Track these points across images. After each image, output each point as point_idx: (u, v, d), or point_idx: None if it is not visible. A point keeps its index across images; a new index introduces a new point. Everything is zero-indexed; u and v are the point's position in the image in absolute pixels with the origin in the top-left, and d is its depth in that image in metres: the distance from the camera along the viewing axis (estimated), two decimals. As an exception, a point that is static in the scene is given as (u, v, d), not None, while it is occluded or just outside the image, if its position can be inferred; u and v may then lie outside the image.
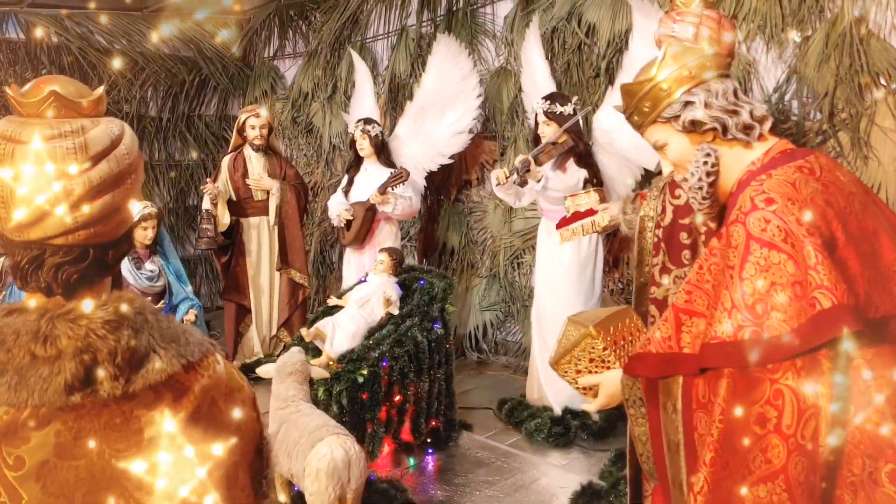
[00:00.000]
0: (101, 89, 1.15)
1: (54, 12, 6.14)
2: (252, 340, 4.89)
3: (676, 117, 1.51)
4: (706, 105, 1.48)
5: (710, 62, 1.52)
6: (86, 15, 6.29)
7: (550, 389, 3.84)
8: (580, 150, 3.64)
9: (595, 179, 3.63)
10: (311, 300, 6.25)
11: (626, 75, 3.79)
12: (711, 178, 1.52)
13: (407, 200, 4.47)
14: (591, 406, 1.79)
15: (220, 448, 1.06)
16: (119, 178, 1.05)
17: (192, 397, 1.03)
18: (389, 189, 4.31)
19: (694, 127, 1.50)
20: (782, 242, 1.33)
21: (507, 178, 3.61)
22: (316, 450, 2.43)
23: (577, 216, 3.32)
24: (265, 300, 4.85)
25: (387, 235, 4.61)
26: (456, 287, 5.30)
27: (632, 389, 1.63)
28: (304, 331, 3.51)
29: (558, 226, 3.53)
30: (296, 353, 2.94)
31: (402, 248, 5.58)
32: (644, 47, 3.61)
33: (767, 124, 1.52)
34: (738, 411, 1.43)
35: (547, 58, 4.34)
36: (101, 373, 0.96)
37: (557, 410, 3.77)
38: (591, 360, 1.75)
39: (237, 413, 1.11)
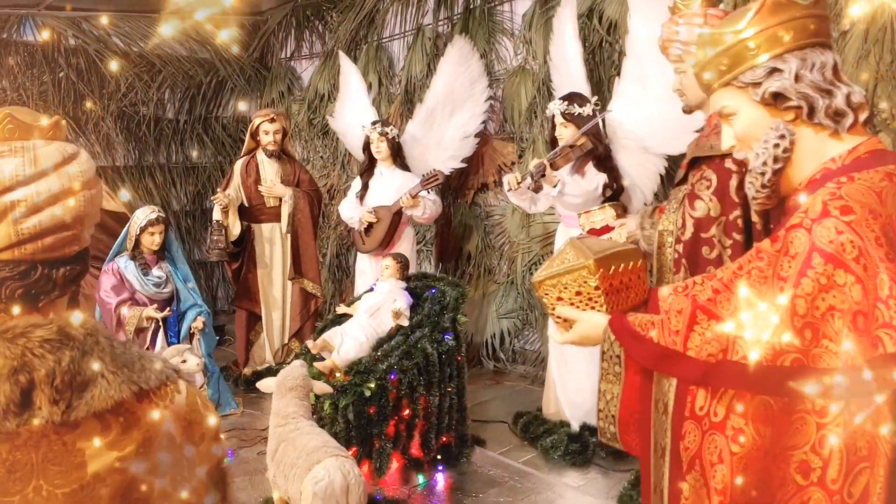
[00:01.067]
0: (58, 117, 1.12)
1: (71, 15, 6.11)
2: (263, 348, 4.79)
3: (757, 84, 1.27)
4: (797, 77, 1.25)
5: (814, 25, 1.26)
6: (103, 17, 6.25)
7: (568, 404, 3.67)
8: (599, 152, 3.46)
9: (615, 184, 3.44)
10: (326, 305, 6.15)
11: (631, 62, 3.60)
12: (779, 165, 1.29)
13: (435, 203, 4.38)
14: (560, 338, 1.61)
15: (171, 484, 1.00)
16: (67, 194, 1.02)
17: (143, 428, 0.98)
18: (427, 191, 4.19)
19: (775, 100, 1.27)
20: (853, 262, 1.12)
21: (518, 183, 3.45)
22: (313, 473, 2.30)
23: (595, 231, 3.15)
24: (277, 309, 4.75)
25: (406, 240, 4.50)
26: (472, 294, 5.15)
27: (612, 345, 1.48)
28: (310, 343, 3.39)
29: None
30: (297, 367, 2.81)
31: (418, 253, 5.45)
32: (645, 26, 3.42)
33: (863, 115, 1.29)
34: (773, 447, 1.27)
35: (566, 56, 4.16)
36: (38, 396, 0.91)
37: (575, 426, 3.59)
38: (578, 294, 1.54)
39: (194, 447, 1.05)
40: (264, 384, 2.83)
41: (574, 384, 3.62)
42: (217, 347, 5.62)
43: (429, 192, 4.28)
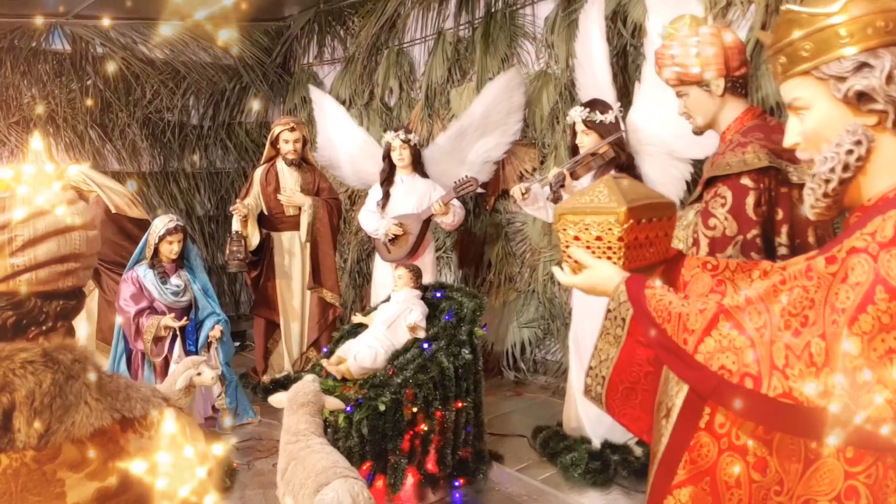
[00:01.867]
0: (63, 168, 1.25)
1: (99, 23, 6.17)
2: (282, 356, 4.76)
3: (841, 79, 1.12)
4: (889, 78, 1.09)
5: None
6: (130, 25, 6.31)
7: (589, 420, 3.58)
8: (622, 161, 3.36)
9: (638, 194, 3.34)
10: (347, 311, 6.11)
11: (650, 66, 3.48)
12: (849, 174, 1.15)
13: (461, 209, 4.37)
14: (565, 279, 1.50)
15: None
16: (65, 231, 1.05)
17: (125, 459, 0.98)
18: (465, 198, 4.16)
19: (858, 100, 1.12)
20: None
21: (523, 194, 3.37)
22: (321, 495, 2.24)
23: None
24: (295, 318, 4.72)
25: (430, 249, 4.46)
26: (492, 302, 5.08)
27: (619, 306, 1.37)
28: (325, 362, 3.33)
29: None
30: (309, 382, 2.76)
31: (438, 260, 5.38)
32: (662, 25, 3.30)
33: None
34: (795, 486, 1.19)
35: (588, 61, 4.06)
36: (17, 418, 0.92)
37: (596, 443, 3.49)
38: (598, 238, 1.43)
39: (180, 476, 1.03)
40: (276, 399, 2.78)
41: (595, 399, 3.52)
42: (239, 353, 5.64)
43: (463, 197, 4.25)
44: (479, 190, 4.50)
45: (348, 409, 3.07)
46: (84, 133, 6.22)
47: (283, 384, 4.60)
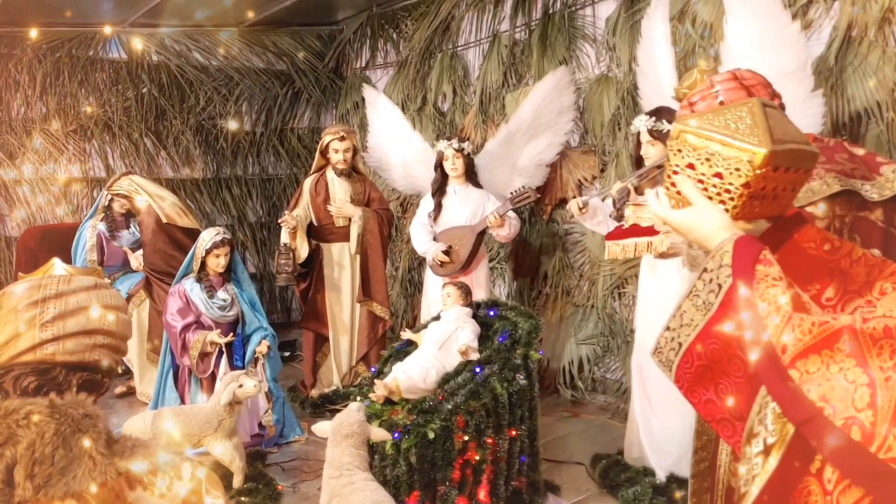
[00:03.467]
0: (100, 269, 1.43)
1: (154, 31, 6.20)
2: (331, 370, 4.65)
3: None
4: None
5: None
6: (184, 32, 6.32)
7: (653, 450, 3.33)
8: (691, 174, 3.10)
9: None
10: (399, 321, 5.98)
11: (725, 70, 3.21)
12: None
13: (517, 221, 4.21)
14: (659, 209, 1.29)
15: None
16: (94, 308, 1.15)
17: None
18: (519, 210, 3.99)
19: None
20: None
21: (581, 209, 3.15)
22: (364, 540, 2.09)
23: (636, 231, 2.81)
24: (345, 332, 4.59)
25: (479, 257, 4.29)
26: (549, 316, 4.86)
27: (719, 269, 1.14)
28: (373, 396, 3.17)
29: (608, 236, 3.04)
30: (354, 411, 2.61)
31: (492, 271, 5.19)
32: (743, 33, 3.03)
33: None
34: None
35: (654, 65, 3.81)
36: (17, 470, 0.92)
37: (661, 476, 3.24)
38: (717, 175, 1.18)
39: None
40: (319, 428, 2.64)
41: (660, 427, 3.28)
42: (288, 363, 5.57)
43: (519, 209, 4.07)
44: (536, 199, 4.31)
45: (395, 435, 2.92)
46: (139, 140, 6.26)
47: (332, 399, 4.50)
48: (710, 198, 1.21)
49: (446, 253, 4.20)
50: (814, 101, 2.90)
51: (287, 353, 5.70)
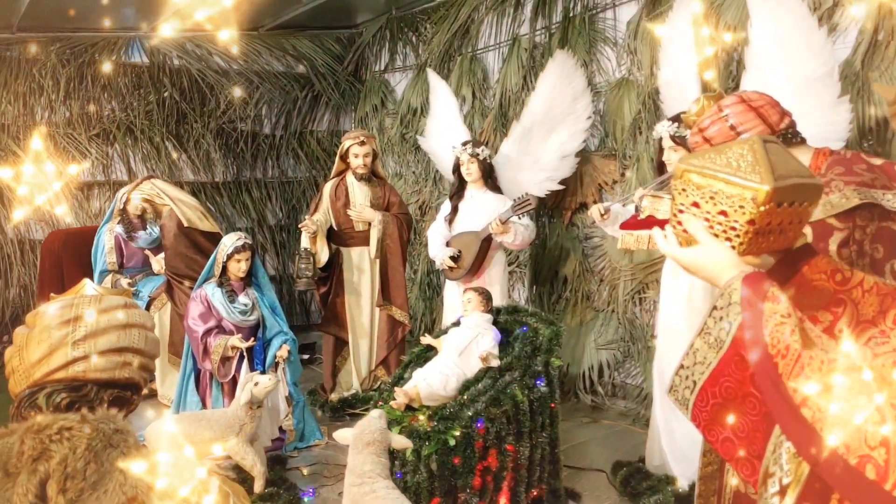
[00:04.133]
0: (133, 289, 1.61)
1: (176, 35, 6.25)
2: (350, 374, 4.66)
3: None
4: None
5: None
6: (205, 36, 6.36)
7: (675, 458, 3.30)
8: (714, 180, 3.06)
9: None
10: (417, 323, 5.99)
11: (751, 76, 3.17)
12: None
13: (527, 229, 4.12)
14: (667, 247, 1.30)
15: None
16: (124, 326, 1.19)
17: None
18: (518, 216, 3.94)
19: None
20: None
21: (602, 215, 3.13)
22: (385, 549, 2.09)
23: (651, 223, 2.78)
24: (364, 336, 4.60)
25: (495, 263, 4.25)
26: (568, 321, 4.84)
27: (729, 307, 1.15)
28: (395, 404, 3.17)
29: (623, 225, 3.02)
30: (375, 419, 2.61)
31: (511, 275, 5.17)
32: (769, 39, 3.00)
33: None
34: None
35: (676, 68, 3.77)
36: (50, 485, 0.93)
37: (683, 484, 3.21)
38: (723, 213, 1.19)
39: None
40: (340, 436, 2.65)
41: (683, 435, 3.25)
42: (308, 366, 5.59)
43: (520, 217, 4.00)
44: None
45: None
46: (160, 144, 6.31)
47: (351, 403, 4.51)
48: (717, 235, 1.21)
49: (454, 259, 4.19)
50: (840, 107, 2.86)
51: (306, 356, 5.72)
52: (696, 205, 1.23)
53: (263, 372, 3.80)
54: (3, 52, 5.76)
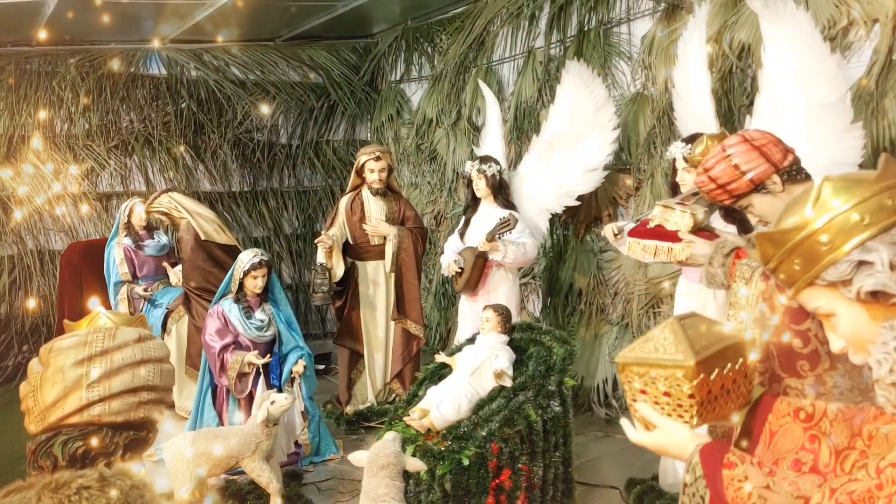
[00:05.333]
0: (142, 316, 1.43)
1: (194, 47, 6.33)
2: (365, 386, 4.70)
3: (846, 282, 1.06)
4: (892, 266, 1.02)
5: (891, 200, 1.05)
6: (222, 48, 6.43)
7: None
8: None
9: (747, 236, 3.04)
10: (432, 332, 6.02)
11: (764, 99, 3.15)
12: None
13: (520, 247, 4.07)
14: (633, 435, 1.36)
15: None
16: (140, 364, 1.17)
17: None
18: (497, 236, 3.95)
19: (875, 297, 1.05)
20: None
21: (616, 234, 3.13)
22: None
23: (660, 232, 2.78)
24: (379, 349, 4.64)
25: (500, 280, 4.23)
26: (583, 334, 4.86)
27: (696, 482, 1.23)
28: (407, 419, 3.21)
29: (632, 232, 3.02)
30: (390, 442, 2.65)
31: (525, 286, 5.19)
32: (781, 63, 2.99)
33: None
34: None
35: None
36: None
37: (696, 505, 3.21)
38: (667, 394, 1.28)
39: None
40: (355, 458, 2.69)
41: (695, 456, 3.25)
42: (324, 376, 5.64)
43: (514, 235, 3.99)
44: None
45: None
46: (178, 155, 6.39)
47: (366, 416, 4.55)
48: (669, 415, 1.28)
49: (459, 272, 4.21)
50: (853, 132, 2.85)
51: (322, 366, 5.76)
52: (643, 391, 1.31)
53: (279, 387, 3.85)
54: (23, 65, 5.86)
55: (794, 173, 1.90)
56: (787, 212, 1.12)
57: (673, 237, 2.60)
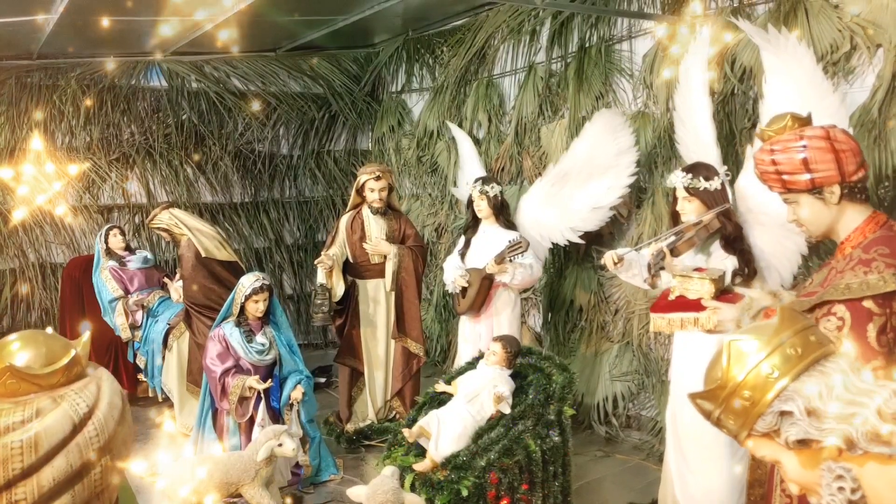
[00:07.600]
0: (72, 353, 1.00)
1: (194, 59, 6.31)
2: (366, 404, 4.71)
3: (776, 432, 1.11)
4: (809, 413, 1.06)
5: (800, 341, 1.09)
6: (223, 59, 6.42)
7: (689, 503, 3.30)
8: (728, 232, 3.04)
9: (747, 268, 3.02)
10: (433, 344, 6.02)
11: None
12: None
13: (527, 269, 4.08)
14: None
15: None
16: (83, 471, 0.93)
17: None
18: (508, 259, 3.95)
19: (805, 444, 1.08)
20: None
21: (616, 263, 3.12)
22: None
23: (682, 303, 2.76)
24: (379, 367, 4.64)
25: (505, 303, 4.23)
26: (583, 350, 4.86)
27: None
28: (406, 431, 3.22)
29: (653, 308, 3.00)
30: (388, 478, 2.66)
31: (526, 301, 5.18)
32: (782, 97, 2.97)
33: None
34: None
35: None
36: None
37: (696, 534, 3.21)
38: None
39: None
40: (354, 493, 2.70)
41: (697, 486, 3.24)
42: (325, 389, 5.64)
43: (512, 260, 3.99)
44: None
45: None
46: (179, 167, 6.38)
47: (367, 434, 4.56)
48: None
49: (463, 292, 4.21)
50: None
51: (323, 379, 5.77)
52: None
53: (279, 410, 3.85)
54: (24, 79, 5.85)
55: (857, 192, 1.83)
56: (710, 371, 1.16)
57: (696, 306, 2.59)
